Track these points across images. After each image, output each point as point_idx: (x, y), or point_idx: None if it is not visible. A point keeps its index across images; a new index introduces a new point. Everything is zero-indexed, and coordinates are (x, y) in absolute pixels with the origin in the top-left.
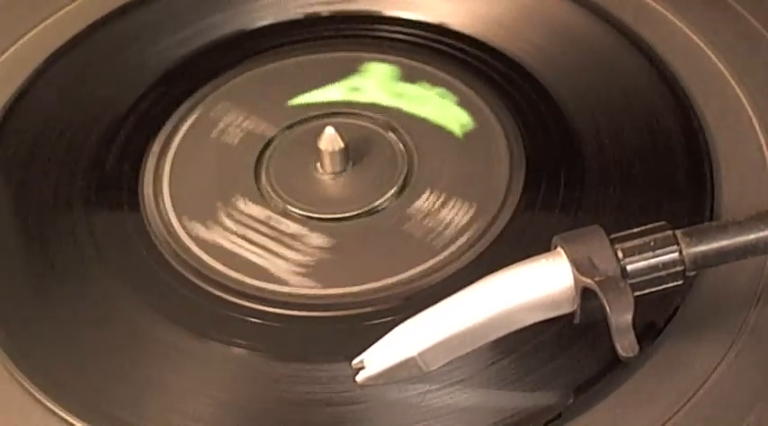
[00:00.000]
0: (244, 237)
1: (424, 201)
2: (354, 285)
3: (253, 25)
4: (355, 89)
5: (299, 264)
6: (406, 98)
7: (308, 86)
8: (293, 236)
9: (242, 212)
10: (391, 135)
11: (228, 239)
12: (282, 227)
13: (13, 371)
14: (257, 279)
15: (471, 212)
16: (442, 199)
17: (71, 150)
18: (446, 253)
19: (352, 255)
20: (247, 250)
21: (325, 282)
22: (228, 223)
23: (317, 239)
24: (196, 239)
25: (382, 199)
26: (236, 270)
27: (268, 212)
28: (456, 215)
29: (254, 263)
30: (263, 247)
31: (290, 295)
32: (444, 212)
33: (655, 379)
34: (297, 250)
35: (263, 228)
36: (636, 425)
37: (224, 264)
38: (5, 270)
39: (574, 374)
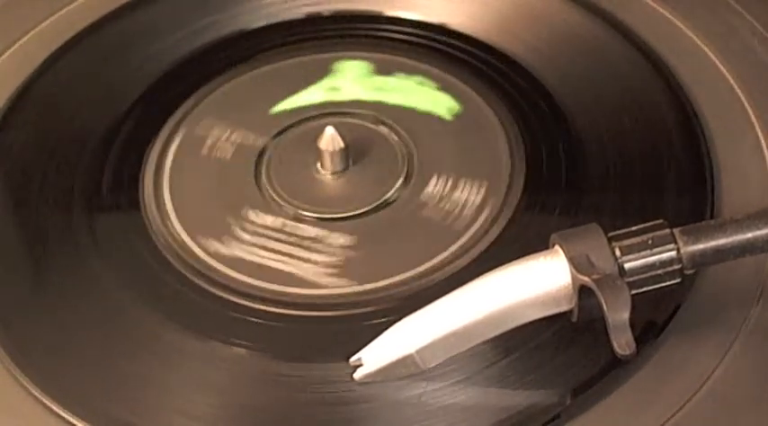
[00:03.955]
0: (246, 241)
1: (425, 197)
2: (354, 285)
3: (253, 25)
4: (334, 89)
5: (299, 264)
6: (386, 91)
7: (288, 92)
8: (293, 236)
9: (247, 220)
10: (383, 128)
11: (232, 243)
12: (273, 223)
13: (14, 371)
14: (257, 278)
15: (473, 209)
16: (442, 194)
17: (71, 150)
18: (445, 255)
19: (352, 255)
20: (247, 251)
21: (326, 282)
22: (236, 231)
23: (316, 238)
24: (207, 252)
25: (382, 199)
26: (237, 271)
27: (277, 218)
28: (458, 210)
29: (255, 263)
30: (264, 248)
31: (290, 294)
32: (445, 206)
33: (655, 379)
34: (297, 250)
35: (267, 231)
36: (636, 425)
37: (224, 264)
38: (6, 269)
39: (573, 374)
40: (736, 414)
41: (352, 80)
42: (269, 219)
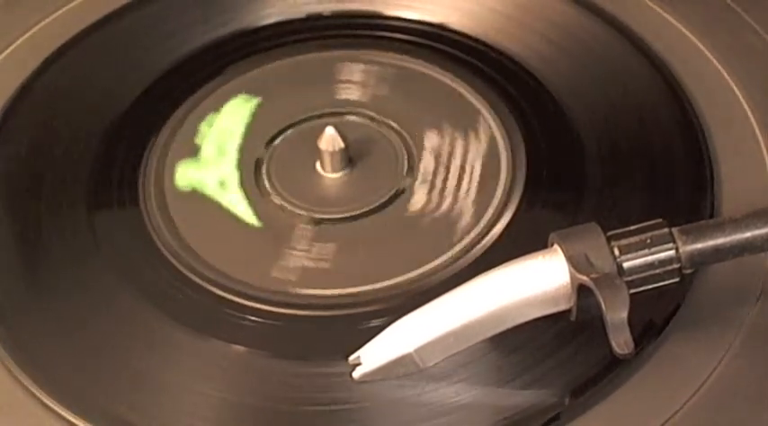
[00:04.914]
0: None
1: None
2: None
3: (253, 25)
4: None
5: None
6: None
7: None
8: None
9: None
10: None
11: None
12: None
13: (13, 369)
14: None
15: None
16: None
17: (71, 149)
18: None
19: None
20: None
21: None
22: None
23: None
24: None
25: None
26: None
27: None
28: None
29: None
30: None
31: (290, 294)
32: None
33: (654, 379)
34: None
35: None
36: (636, 425)
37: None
38: (5, 269)
39: (573, 374)
40: (736, 414)
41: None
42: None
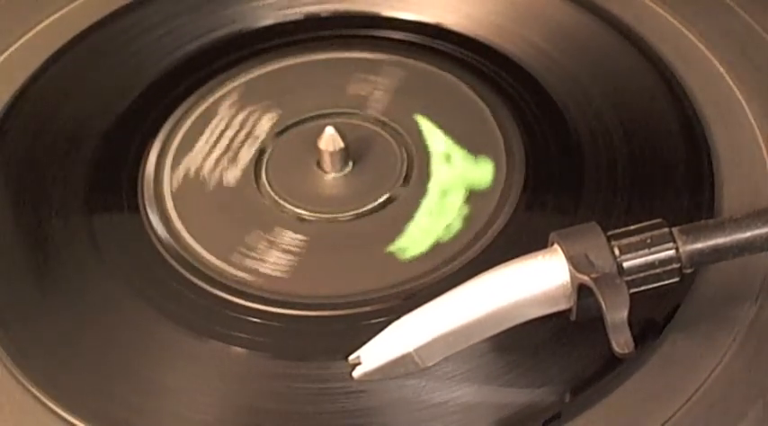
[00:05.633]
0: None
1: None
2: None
3: (253, 25)
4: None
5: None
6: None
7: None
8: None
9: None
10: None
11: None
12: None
13: (14, 371)
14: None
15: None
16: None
17: (71, 150)
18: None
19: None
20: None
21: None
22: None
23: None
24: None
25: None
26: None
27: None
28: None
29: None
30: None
31: (290, 294)
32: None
33: (654, 379)
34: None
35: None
36: (636, 425)
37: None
38: (5, 270)
39: (573, 373)
40: (736, 414)
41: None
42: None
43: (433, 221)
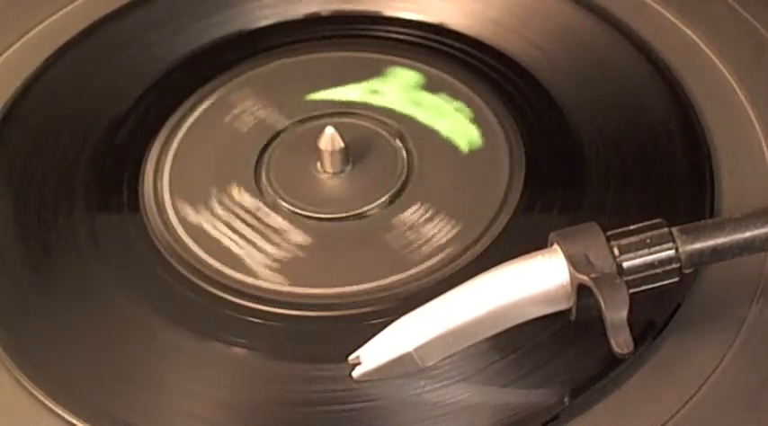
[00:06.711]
0: (234, 228)
1: (412, 213)
2: (354, 285)
3: (253, 25)
4: (374, 92)
5: (299, 264)
6: (422, 107)
7: (324, 84)
8: (291, 235)
9: (234, 201)
10: (398, 142)
11: (218, 229)
12: (272, 223)
13: (14, 371)
14: (257, 278)
15: (455, 230)
16: (429, 214)
17: (71, 150)
18: (445, 253)
19: (353, 256)
20: (248, 250)
21: (325, 282)
22: (219, 211)
23: (316, 238)
24: (183, 222)
25: (376, 203)
26: (237, 270)
27: (261, 205)
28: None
29: (255, 263)
30: (263, 245)
31: (290, 294)
32: (445, 206)
33: (654, 379)
34: (296, 249)
35: (255, 222)
36: (635, 425)
37: (224, 264)
38: (5, 270)
39: (573, 374)
40: (736, 414)
41: (395, 87)
42: (249, 201)
43: None
